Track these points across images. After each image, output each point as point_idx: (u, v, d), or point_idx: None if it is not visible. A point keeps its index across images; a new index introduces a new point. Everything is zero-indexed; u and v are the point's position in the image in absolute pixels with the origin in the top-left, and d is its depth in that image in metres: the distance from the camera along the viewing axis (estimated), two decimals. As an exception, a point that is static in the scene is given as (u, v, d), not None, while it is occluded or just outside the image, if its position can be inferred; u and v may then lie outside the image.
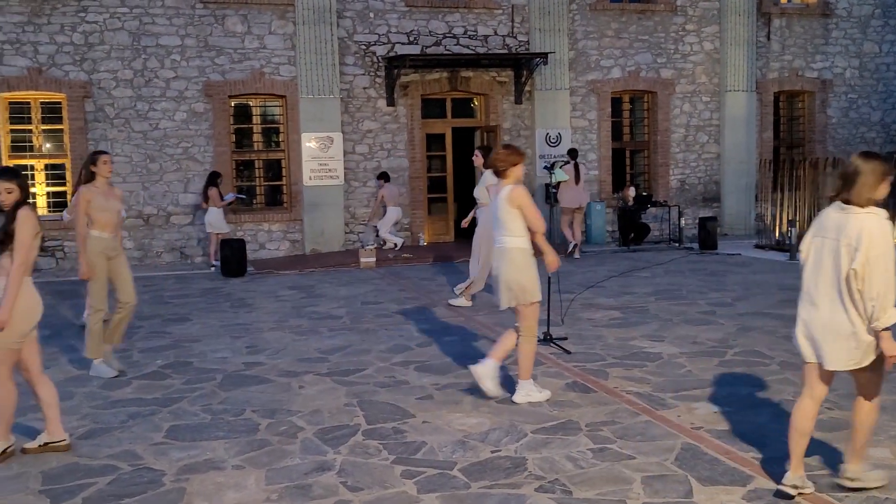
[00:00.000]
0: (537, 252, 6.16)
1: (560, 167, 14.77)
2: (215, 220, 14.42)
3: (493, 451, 5.04)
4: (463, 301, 10.17)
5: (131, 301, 7.25)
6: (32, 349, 5.24)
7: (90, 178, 7.30)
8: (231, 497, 4.45)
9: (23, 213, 5.04)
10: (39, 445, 5.22)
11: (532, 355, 6.21)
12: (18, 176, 5.25)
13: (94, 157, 7.35)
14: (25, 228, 5.00)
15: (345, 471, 4.78)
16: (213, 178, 14.50)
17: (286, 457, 5.04)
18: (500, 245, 6.15)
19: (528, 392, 6.12)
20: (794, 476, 4.28)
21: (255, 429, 5.58)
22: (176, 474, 4.79)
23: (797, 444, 4.33)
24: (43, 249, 14.80)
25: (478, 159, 10.40)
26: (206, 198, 14.47)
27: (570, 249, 14.92)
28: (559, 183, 14.72)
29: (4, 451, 5.11)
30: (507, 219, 6.05)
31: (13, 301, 4.96)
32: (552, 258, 6.25)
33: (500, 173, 6.14)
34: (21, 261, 4.98)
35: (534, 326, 6.27)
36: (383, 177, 15.94)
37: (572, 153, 15.38)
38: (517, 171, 6.14)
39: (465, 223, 11.48)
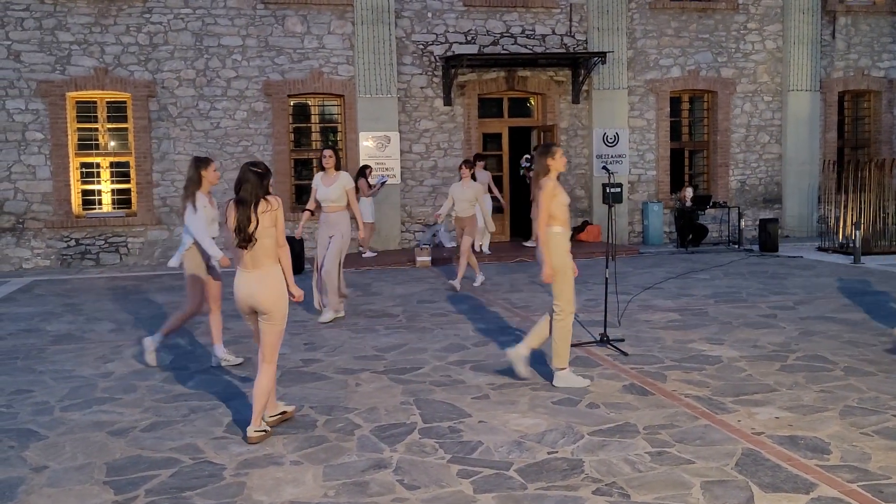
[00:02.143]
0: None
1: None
2: (366, 210, 14.60)
3: (549, 453, 5.01)
4: None
5: None
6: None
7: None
8: (289, 492, 4.50)
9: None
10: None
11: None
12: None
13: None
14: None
15: (401, 469, 4.80)
16: (363, 171, 14.82)
17: (343, 454, 5.08)
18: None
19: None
20: None
21: (313, 425, 5.64)
22: (236, 468, 4.86)
23: None
24: (108, 245, 15.22)
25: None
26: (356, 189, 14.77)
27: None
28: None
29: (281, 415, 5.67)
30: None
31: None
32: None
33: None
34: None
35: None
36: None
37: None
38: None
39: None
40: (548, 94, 17.05)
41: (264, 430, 5.38)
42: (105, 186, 15.53)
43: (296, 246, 13.81)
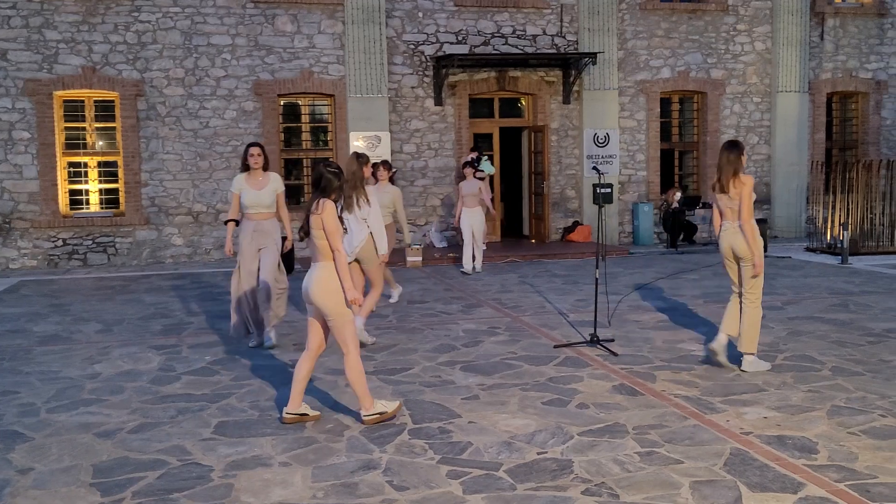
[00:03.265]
0: None
1: (486, 160, 14.65)
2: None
3: (539, 453, 5.01)
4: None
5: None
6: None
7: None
8: (278, 494, 4.48)
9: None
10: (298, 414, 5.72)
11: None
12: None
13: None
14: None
15: (391, 470, 4.78)
16: (372, 169, 14.73)
17: (332, 455, 5.06)
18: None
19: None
20: None
21: (302, 426, 5.62)
22: (224, 470, 4.84)
23: None
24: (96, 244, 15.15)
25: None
26: None
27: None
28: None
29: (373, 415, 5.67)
30: None
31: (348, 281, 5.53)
32: None
33: None
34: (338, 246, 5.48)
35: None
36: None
37: (477, 149, 15.16)
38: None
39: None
40: (538, 95, 17.07)
41: (378, 413, 5.61)
42: (93, 186, 15.47)
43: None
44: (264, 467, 4.87)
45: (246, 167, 7.95)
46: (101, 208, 15.50)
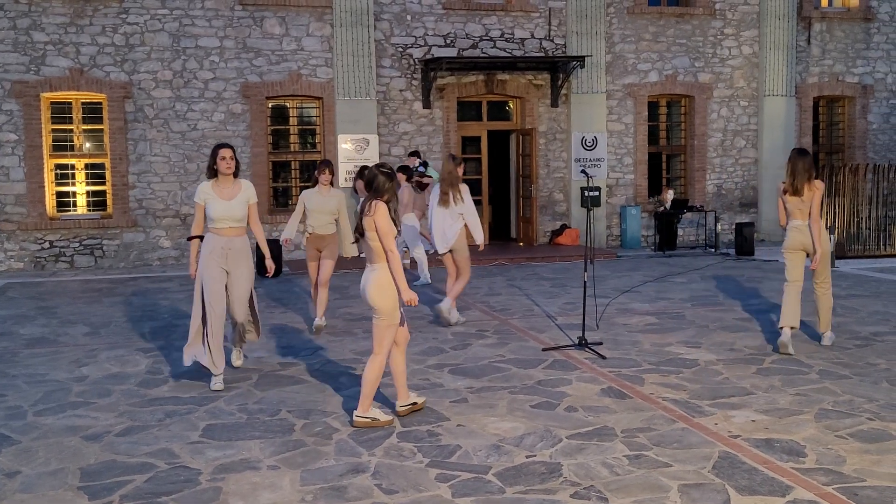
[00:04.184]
0: None
1: (431, 166, 14.58)
2: None
3: (527, 456, 5.01)
4: None
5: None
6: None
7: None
8: (266, 497, 4.46)
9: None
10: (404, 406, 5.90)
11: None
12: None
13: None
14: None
15: (379, 473, 4.78)
16: (362, 172, 14.73)
17: (321, 458, 5.05)
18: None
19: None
20: None
21: (291, 429, 5.60)
22: (212, 473, 4.82)
23: None
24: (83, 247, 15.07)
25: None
26: (353, 189, 15.10)
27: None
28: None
29: (413, 405, 5.92)
30: None
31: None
32: None
33: None
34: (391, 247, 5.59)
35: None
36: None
37: (417, 154, 14.79)
38: None
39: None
40: (527, 98, 17.09)
41: (370, 418, 5.63)
42: (80, 188, 15.39)
43: (275, 249, 13.75)
44: (252, 470, 4.85)
45: (213, 173, 6.76)
46: (89, 210, 15.42)
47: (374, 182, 5.63)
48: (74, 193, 15.39)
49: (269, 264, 7.06)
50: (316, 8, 15.78)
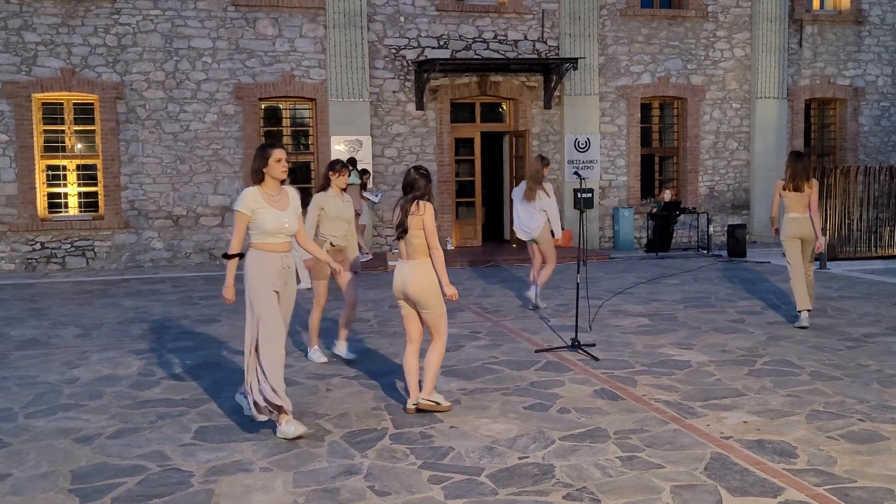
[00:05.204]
0: None
1: (354, 172, 14.58)
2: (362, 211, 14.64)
3: (520, 458, 5.01)
4: None
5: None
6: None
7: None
8: (259, 499, 4.45)
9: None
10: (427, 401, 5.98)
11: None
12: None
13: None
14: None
15: (372, 475, 4.77)
16: (360, 175, 14.83)
17: (314, 460, 5.04)
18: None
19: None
20: None
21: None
22: (204, 475, 4.81)
23: None
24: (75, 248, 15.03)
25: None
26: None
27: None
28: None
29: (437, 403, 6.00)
30: None
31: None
32: None
33: None
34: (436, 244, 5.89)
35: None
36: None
37: (352, 162, 14.56)
38: None
39: None
40: (520, 100, 17.11)
41: (434, 402, 5.95)
42: (71, 189, 15.35)
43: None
44: (245, 473, 4.84)
45: (260, 177, 5.67)
46: (80, 211, 15.38)
47: (415, 184, 5.87)
48: (66, 194, 15.35)
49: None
50: (309, 9, 15.77)
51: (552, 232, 9.96)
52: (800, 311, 8.89)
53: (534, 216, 9.83)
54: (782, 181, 9.00)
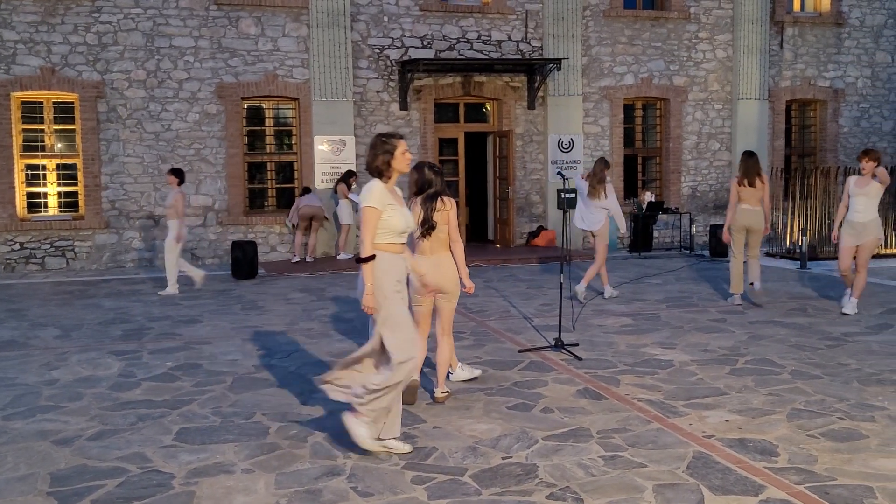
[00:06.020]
0: None
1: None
2: (344, 213, 15.11)
3: (503, 458, 5.01)
4: None
5: None
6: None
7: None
8: (240, 501, 4.43)
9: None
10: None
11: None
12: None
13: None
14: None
15: (355, 476, 4.76)
16: (347, 177, 15.08)
17: (296, 461, 5.02)
18: None
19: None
20: None
21: (265, 432, 5.56)
22: (185, 477, 4.77)
23: None
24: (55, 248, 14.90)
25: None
26: (334, 190, 15.35)
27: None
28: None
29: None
30: None
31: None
32: None
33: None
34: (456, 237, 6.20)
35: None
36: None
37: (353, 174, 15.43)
38: None
39: None
40: (504, 100, 17.12)
41: (447, 392, 6.30)
42: (51, 189, 15.22)
43: (248, 251, 13.68)
44: (227, 474, 4.81)
45: (384, 172, 5.23)
46: (60, 211, 15.25)
47: (432, 182, 6.06)
48: (46, 194, 15.22)
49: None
50: (292, 8, 15.71)
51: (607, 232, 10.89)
52: (733, 294, 10.31)
53: (595, 212, 10.73)
54: (736, 179, 10.05)
